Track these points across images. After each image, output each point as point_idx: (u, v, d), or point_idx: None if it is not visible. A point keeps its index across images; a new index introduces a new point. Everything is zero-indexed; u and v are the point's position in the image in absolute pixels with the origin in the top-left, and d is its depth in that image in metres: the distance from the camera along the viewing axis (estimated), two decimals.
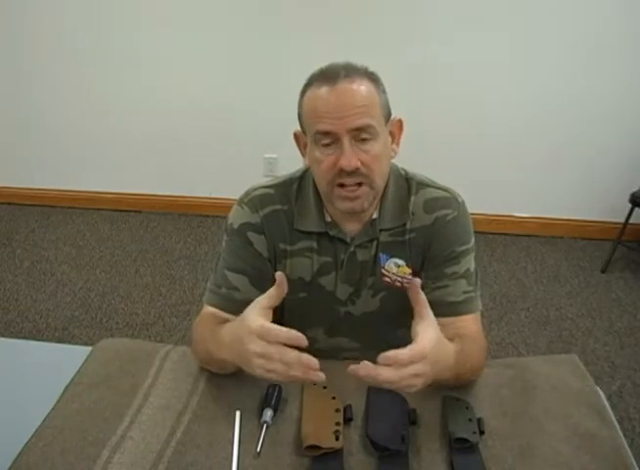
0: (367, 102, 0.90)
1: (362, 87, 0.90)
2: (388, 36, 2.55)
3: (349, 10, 2.54)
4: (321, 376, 0.73)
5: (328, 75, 0.90)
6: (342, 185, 0.93)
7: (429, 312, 0.79)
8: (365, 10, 2.53)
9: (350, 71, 0.90)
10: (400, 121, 1.00)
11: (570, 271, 2.65)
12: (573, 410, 0.92)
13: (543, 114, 2.65)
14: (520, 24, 2.48)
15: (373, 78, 0.93)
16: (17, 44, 2.85)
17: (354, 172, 0.91)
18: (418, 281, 0.81)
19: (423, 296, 0.80)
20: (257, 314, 0.78)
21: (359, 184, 0.93)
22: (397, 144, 1.00)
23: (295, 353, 0.73)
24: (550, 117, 2.66)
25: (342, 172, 0.91)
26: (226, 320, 0.96)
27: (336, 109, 0.88)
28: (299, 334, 0.73)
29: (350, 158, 0.89)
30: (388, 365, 0.72)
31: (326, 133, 0.90)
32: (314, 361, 0.73)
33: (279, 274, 0.80)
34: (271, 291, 0.80)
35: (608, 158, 2.71)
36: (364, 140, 0.90)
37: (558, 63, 2.53)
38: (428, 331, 0.77)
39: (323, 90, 0.90)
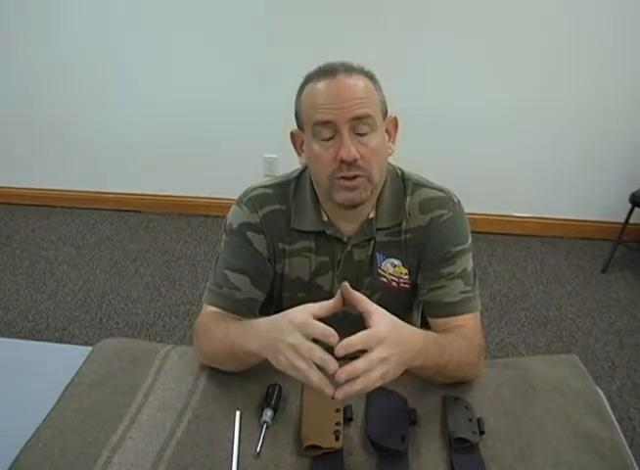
0: (365, 94, 0.91)
1: (360, 81, 0.92)
2: (387, 36, 2.55)
3: (351, 11, 2.54)
4: (330, 392, 0.72)
5: (326, 71, 0.92)
6: (341, 178, 0.93)
7: (373, 305, 0.78)
8: (366, 10, 2.53)
9: (348, 68, 0.93)
10: (396, 120, 1.00)
11: (570, 271, 2.65)
12: (573, 410, 0.92)
13: (543, 114, 2.65)
14: (521, 22, 2.48)
15: (370, 76, 0.95)
16: (16, 44, 2.85)
17: (353, 164, 0.91)
18: (345, 283, 0.79)
19: (356, 293, 0.78)
20: (304, 312, 0.77)
21: (357, 176, 0.93)
22: (393, 142, 1.01)
23: (321, 354, 0.73)
24: (550, 117, 2.66)
25: (342, 164, 0.91)
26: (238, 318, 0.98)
27: (335, 99, 0.89)
28: (333, 332, 0.73)
29: (350, 148, 0.89)
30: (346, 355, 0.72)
31: (325, 123, 0.90)
32: (333, 364, 0.72)
33: (340, 292, 0.78)
34: (328, 302, 0.78)
35: (608, 158, 2.71)
36: (363, 134, 0.91)
37: (558, 63, 2.54)
38: (378, 319, 0.76)
39: (322, 83, 0.91)
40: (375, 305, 0.78)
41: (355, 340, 0.73)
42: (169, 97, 2.87)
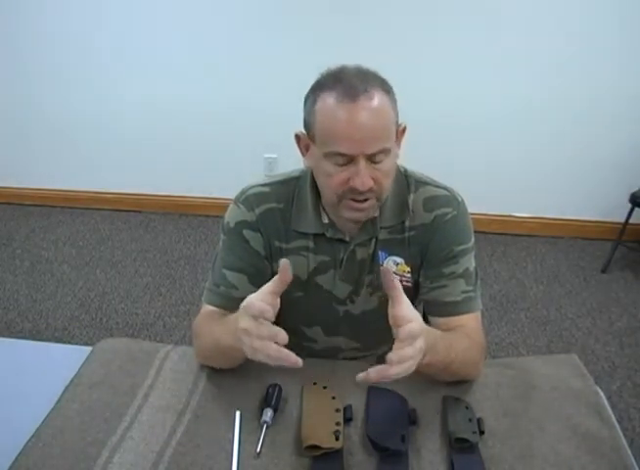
0: (384, 123, 0.88)
1: (379, 105, 0.86)
2: (389, 34, 2.55)
3: (353, 11, 2.54)
4: (293, 360, 0.74)
5: (344, 87, 0.86)
6: (351, 199, 0.92)
7: (404, 296, 0.80)
8: (367, 10, 2.53)
9: (368, 85, 0.86)
10: (404, 127, 0.98)
11: (570, 271, 2.65)
12: (573, 410, 0.93)
13: (543, 113, 2.65)
14: (520, 20, 2.48)
15: (386, 89, 0.90)
16: (18, 44, 2.85)
17: (367, 190, 0.90)
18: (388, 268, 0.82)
19: (397, 281, 0.80)
20: (254, 296, 0.79)
21: (367, 199, 0.92)
22: (399, 148, 0.99)
23: (265, 328, 0.75)
24: (550, 116, 2.66)
25: (354, 190, 0.90)
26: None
27: (355, 132, 0.85)
28: (266, 306, 0.75)
29: (365, 180, 0.88)
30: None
31: (341, 154, 0.88)
32: (282, 335, 0.74)
33: (284, 260, 0.79)
34: (275, 277, 0.80)
35: (608, 157, 2.71)
36: (378, 161, 0.89)
37: (558, 62, 2.54)
38: (412, 310, 0.79)
39: (340, 107, 0.86)
40: (406, 298, 0.80)
41: (409, 352, 0.75)
42: (169, 97, 2.87)
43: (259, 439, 0.87)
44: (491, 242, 2.86)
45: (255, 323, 0.76)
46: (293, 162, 1.07)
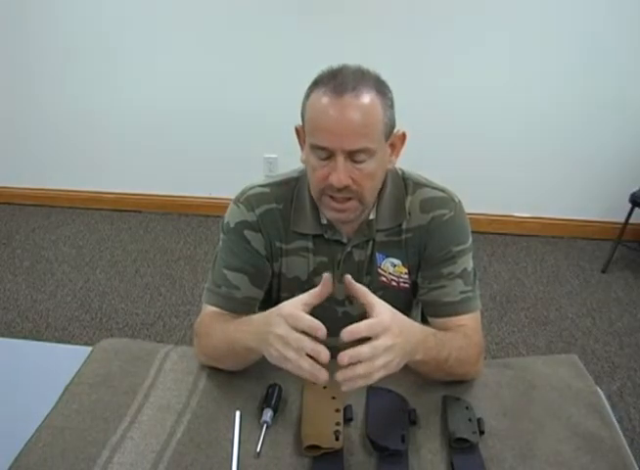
0: (368, 122, 0.87)
1: (366, 104, 0.86)
2: (388, 34, 2.55)
3: (352, 11, 2.54)
4: (324, 377, 0.75)
5: (335, 83, 0.87)
6: (331, 197, 0.93)
7: (375, 298, 0.80)
8: (366, 10, 2.53)
9: (359, 83, 0.87)
10: (404, 135, 0.98)
11: (570, 271, 2.65)
12: (573, 410, 0.93)
13: (543, 113, 2.65)
14: (520, 24, 2.48)
15: (381, 91, 0.90)
16: (18, 43, 2.85)
17: (344, 189, 0.90)
18: (348, 276, 0.82)
19: (358, 285, 0.81)
20: (293, 304, 0.79)
21: (348, 198, 0.92)
22: (397, 156, 0.99)
23: (310, 343, 0.74)
24: (550, 116, 2.66)
25: (331, 187, 0.90)
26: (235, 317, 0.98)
27: (335, 126, 0.86)
28: (320, 324, 0.74)
29: (342, 176, 0.88)
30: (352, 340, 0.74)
31: (321, 148, 0.89)
32: (324, 354, 0.74)
33: (326, 275, 0.80)
34: (316, 289, 0.80)
35: (607, 158, 2.71)
36: (360, 161, 0.89)
37: (557, 62, 2.54)
38: (381, 310, 0.78)
39: (326, 101, 0.86)
40: (377, 298, 0.80)
41: (362, 326, 0.74)
42: (169, 97, 2.86)
43: (259, 439, 0.87)
44: (491, 242, 2.86)
45: (296, 334, 0.75)
46: (293, 162, 1.07)
